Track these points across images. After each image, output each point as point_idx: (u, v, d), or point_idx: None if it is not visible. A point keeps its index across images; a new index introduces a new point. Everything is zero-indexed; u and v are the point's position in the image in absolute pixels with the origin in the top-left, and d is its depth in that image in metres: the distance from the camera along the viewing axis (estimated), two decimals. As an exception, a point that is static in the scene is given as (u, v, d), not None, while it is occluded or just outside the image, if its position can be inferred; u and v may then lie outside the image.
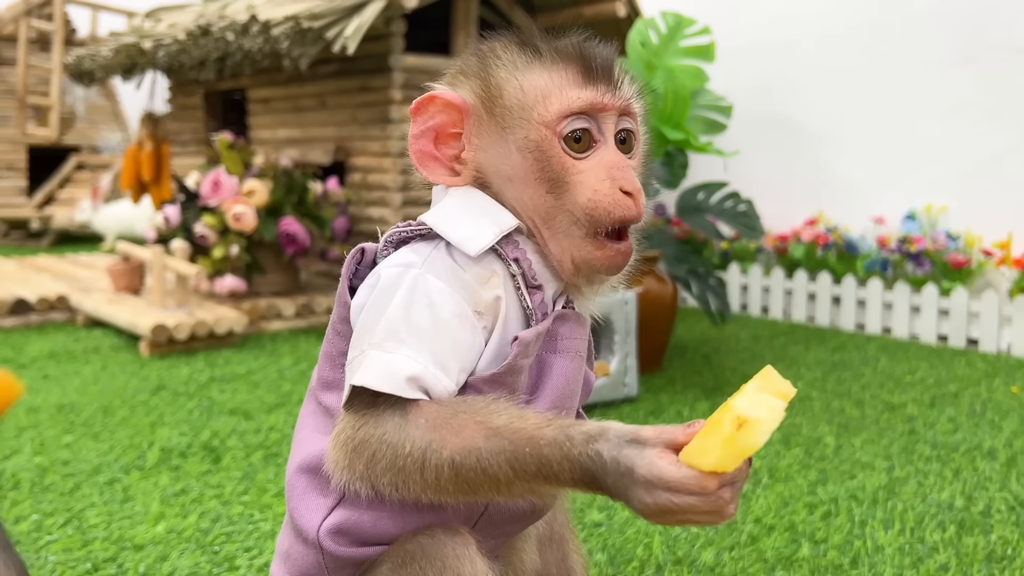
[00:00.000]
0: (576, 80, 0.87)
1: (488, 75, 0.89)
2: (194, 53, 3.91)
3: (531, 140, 0.86)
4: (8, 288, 3.92)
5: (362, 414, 0.79)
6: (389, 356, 0.79)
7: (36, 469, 2.01)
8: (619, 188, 0.85)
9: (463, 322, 0.82)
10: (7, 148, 7.47)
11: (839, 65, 4.02)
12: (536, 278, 0.87)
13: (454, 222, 0.86)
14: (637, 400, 2.61)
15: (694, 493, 0.69)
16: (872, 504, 1.83)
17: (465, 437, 0.77)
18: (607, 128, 0.88)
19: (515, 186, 0.88)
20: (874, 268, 3.78)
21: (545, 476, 0.74)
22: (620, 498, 0.72)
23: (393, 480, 0.78)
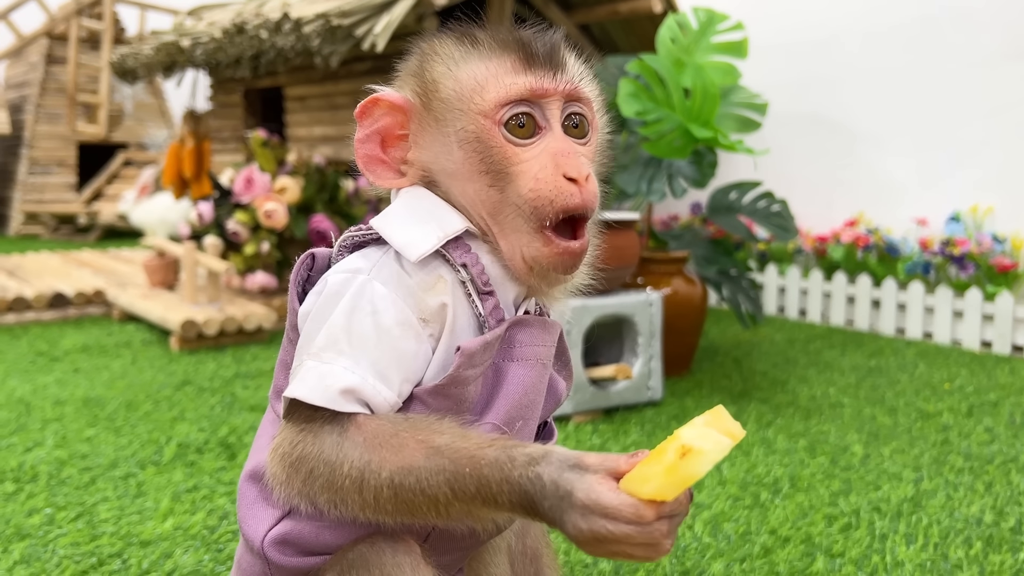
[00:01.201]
0: (514, 67, 0.83)
1: (424, 71, 0.87)
2: (230, 51, 3.95)
3: (469, 131, 0.83)
4: (48, 282, 3.99)
5: (300, 428, 0.77)
6: (326, 367, 0.77)
7: (55, 462, 2.03)
8: (562, 174, 0.81)
9: (406, 330, 0.79)
10: (58, 145, 7.64)
11: (882, 63, 3.91)
12: (488, 283, 0.84)
13: (399, 226, 0.84)
14: (661, 404, 2.56)
15: (630, 522, 0.66)
16: (895, 517, 1.76)
17: (405, 456, 0.74)
18: (552, 114, 0.84)
19: (459, 182, 0.85)
20: (916, 271, 3.67)
21: (484, 498, 0.71)
22: (556, 524, 0.69)
23: (331, 499, 0.76)
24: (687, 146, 2.56)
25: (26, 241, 7.00)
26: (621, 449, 2.15)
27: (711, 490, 1.89)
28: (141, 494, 1.85)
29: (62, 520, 1.71)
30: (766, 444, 2.21)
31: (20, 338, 3.35)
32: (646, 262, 2.85)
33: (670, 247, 3.05)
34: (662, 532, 0.67)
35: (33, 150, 7.53)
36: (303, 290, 0.88)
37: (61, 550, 1.59)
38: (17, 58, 8.19)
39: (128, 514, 1.75)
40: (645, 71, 2.57)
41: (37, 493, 1.85)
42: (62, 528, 1.68)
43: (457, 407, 0.81)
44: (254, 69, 4.07)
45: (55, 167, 7.62)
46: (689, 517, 1.74)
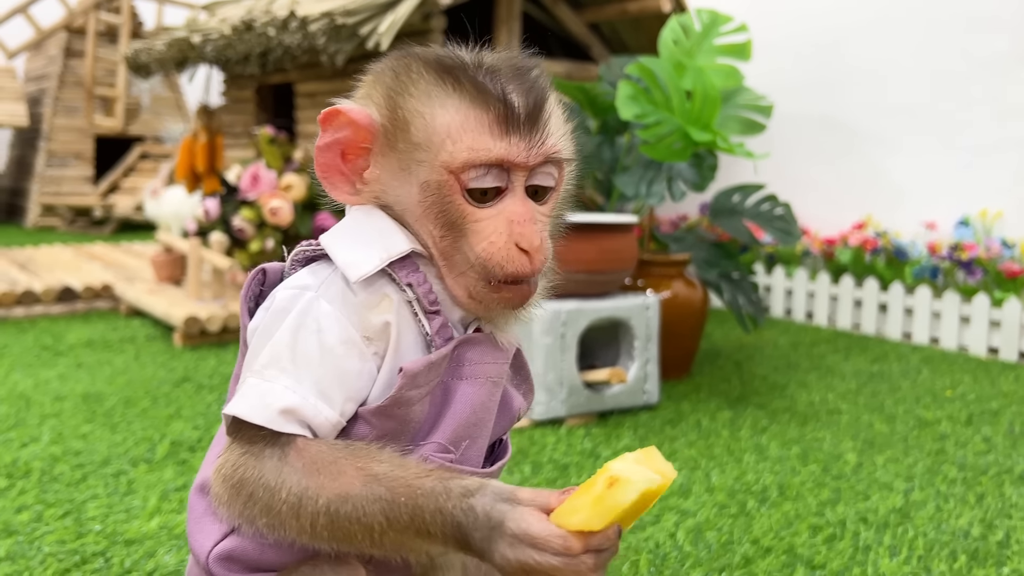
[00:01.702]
0: (492, 127, 0.80)
1: (397, 103, 0.83)
2: (239, 48, 3.97)
3: (432, 183, 0.81)
4: (58, 276, 4.03)
5: (243, 451, 0.77)
6: (267, 385, 0.77)
7: (49, 458, 2.05)
8: (515, 243, 0.80)
9: (350, 349, 0.79)
10: (75, 137, 7.71)
11: (892, 64, 3.87)
12: (436, 302, 0.84)
13: (344, 245, 0.83)
14: (657, 408, 2.55)
15: (558, 553, 0.67)
16: (882, 528, 1.74)
17: (342, 483, 0.74)
18: (516, 179, 0.82)
19: (414, 219, 0.84)
20: (923, 275, 3.64)
21: (417, 528, 0.72)
22: (485, 555, 0.70)
23: (270, 523, 0.76)
24: (686, 149, 2.55)
25: (43, 233, 7.07)
26: (612, 454, 2.15)
27: (697, 497, 1.88)
28: (131, 492, 1.87)
29: (50, 517, 1.73)
30: (759, 451, 2.20)
31: (27, 332, 3.39)
32: (646, 264, 2.84)
33: (671, 249, 3.03)
34: (588, 565, 0.67)
35: (51, 143, 7.60)
36: (256, 304, 0.88)
37: (46, 547, 1.61)
38: (36, 51, 8.27)
39: (116, 512, 1.76)
40: (644, 73, 2.56)
41: (28, 490, 1.87)
42: (49, 526, 1.70)
43: (402, 427, 0.81)
44: (263, 66, 4.09)
45: (72, 160, 7.69)
46: (672, 525, 1.73)
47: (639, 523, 1.74)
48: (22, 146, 8.20)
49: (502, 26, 3.95)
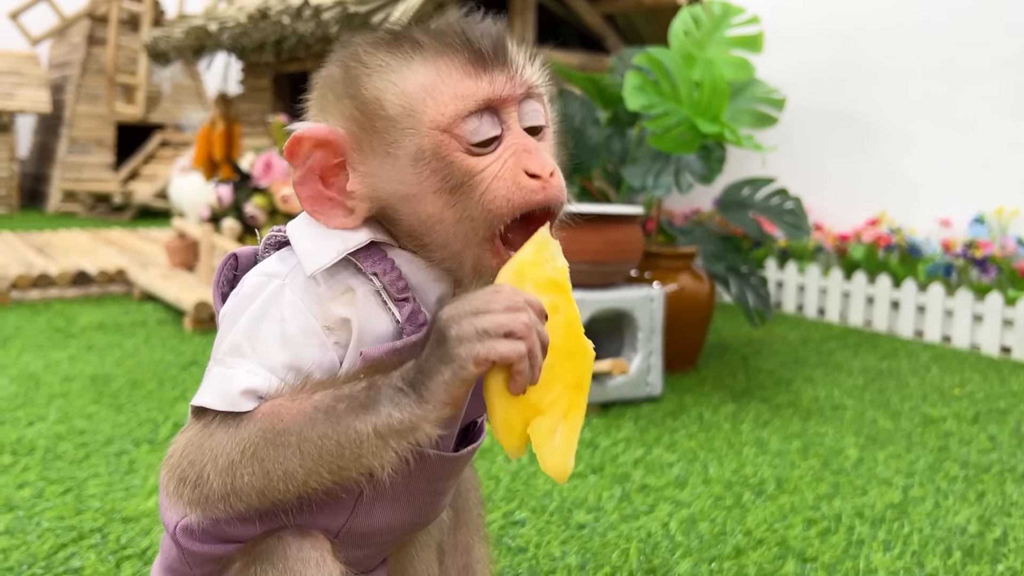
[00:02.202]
0: (469, 70, 0.77)
1: (359, 88, 0.79)
2: (254, 36, 3.99)
3: (425, 149, 0.77)
4: (74, 260, 4.08)
5: (192, 434, 0.77)
6: (229, 372, 0.76)
7: (53, 437, 2.08)
8: (523, 170, 0.77)
9: (310, 338, 0.78)
10: (96, 124, 7.79)
11: (909, 59, 3.83)
12: (405, 289, 0.81)
13: (305, 234, 0.81)
14: (659, 400, 2.54)
15: (492, 291, 0.71)
16: (877, 523, 1.73)
17: (296, 403, 0.74)
18: (509, 116, 0.79)
19: (413, 204, 0.79)
20: (937, 273, 3.60)
21: (369, 397, 0.72)
22: (431, 344, 0.71)
23: (223, 489, 0.74)
24: (694, 141, 2.54)
25: (63, 218, 7.15)
26: (612, 444, 2.15)
27: (693, 488, 1.88)
28: (131, 471, 1.89)
29: (51, 494, 1.76)
30: (759, 444, 2.19)
31: (41, 314, 3.43)
32: (653, 257, 2.84)
33: (679, 242, 3.02)
34: (522, 299, 0.71)
35: (73, 129, 7.68)
36: (231, 288, 0.87)
37: (45, 523, 1.63)
38: (60, 39, 8.35)
39: (115, 490, 1.79)
40: (652, 64, 2.55)
41: (32, 467, 1.90)
42: (50, 502, 1.72)
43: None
44: (278, 54, 4.11)
45: (93, 147, 7.77)
46: (665, 515, 1.73)
47: (632, 512, 1.74)
48: (45, 132, 8.29)
49: (517, 17, 3.95)
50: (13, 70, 7.63)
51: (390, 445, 0.72)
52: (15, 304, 3.61)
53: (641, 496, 1.83)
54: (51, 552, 1.52)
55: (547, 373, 0.74)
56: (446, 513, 1.01)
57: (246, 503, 0.76)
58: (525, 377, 0.71)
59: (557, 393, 0.75)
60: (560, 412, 0.75)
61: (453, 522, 1.04)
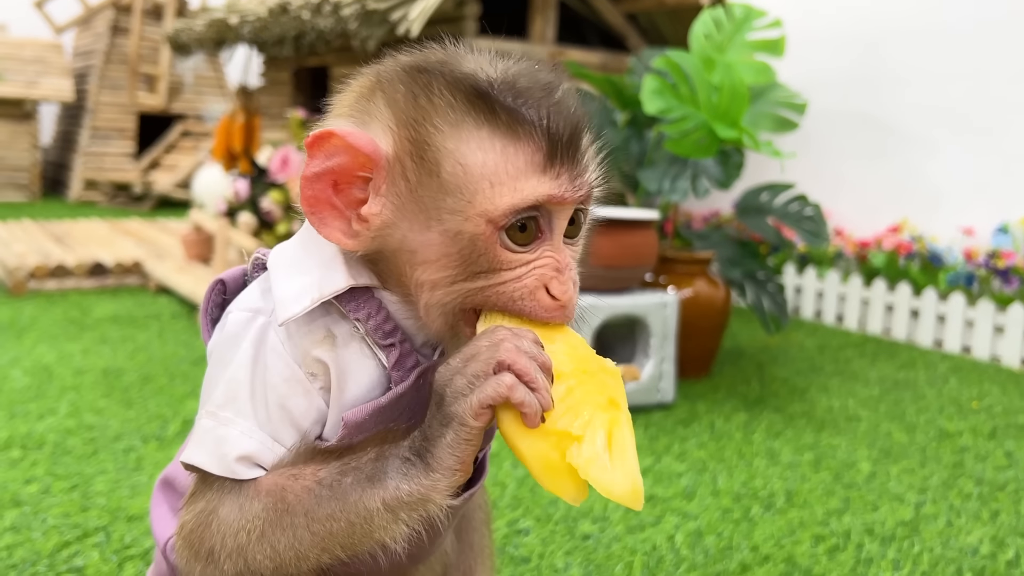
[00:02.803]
0: (534, 163, 0.70)
1: (421, 136, 0.71)
2: (274, 30, 3.99)
3: (465, 233, 0.70)
4: (92, 250, 4.10)
5: (202, 505, 0.74)
6: (223, 431, 0.73)
7: (63, 432, 2.08)
8: (544, 287, 0.72)
9: (294, 387, 0.74)
10: (119, 114, 7.83)
11: (934, 64, 3.77)
12: (392, 333, 0.76)
13: (283, 273, 0.76)
14: (671, 407, 2.52)
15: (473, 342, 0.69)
16: (887, 541, 1.71)
17: (307, 475, 0.72)
18: (557, 222, 0.73)
19: (419, 264, 0.73)
20: (958, 282, 3.55)
21: (375, 469, 0.70)
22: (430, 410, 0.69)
23: (235, 569, 0.72)
24: (712, 145, 2.51)
25: (84, 207, 7.19)
26: (620, 451, 2.13)
27: (701, 500, 1.86)
28: (138, 468, 1.89)
29: (58, 490, 1.76)
30: (770, 456, 2.16)
31: (57, 304, 3.45)
32: (668, 261, 2.81)
33: (696, 247, 2.99)
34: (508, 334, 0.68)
35: (95, 118, 7.72)
36: (222, 312, 0.82)
37: (51, 519, 1.63)
38: (84, 28, 8.40)
39: (121, 488, 1.79)
40: (671, 67, 2.52)
41: (40, 462, 1.90)
42: (56, 498, 1.73)
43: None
44: (298, 49, 4.11)
45: (115, 136, 7.81)
46: (671, 527, 1.71)
47: (638, 523, 1.72)
48: (67, 121, 8.34)
49: (537, 14, 3.92)
50: (37, 58, 7.69)
51: (400, 519, 0.69)
52: (32, 294, 3.64)
53: (648, 507, 1.81)
54: (55, 550, 1.52)
55: (566, 398, 0.68)
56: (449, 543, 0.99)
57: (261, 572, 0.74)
58: (532, 406, 0.65)
59: (588, 416, 0.68)
60: (599, 431, 0.68)
61: (455, 551, 1.01)
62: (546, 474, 0.67)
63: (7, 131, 7.46)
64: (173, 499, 0.86)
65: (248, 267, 0.83)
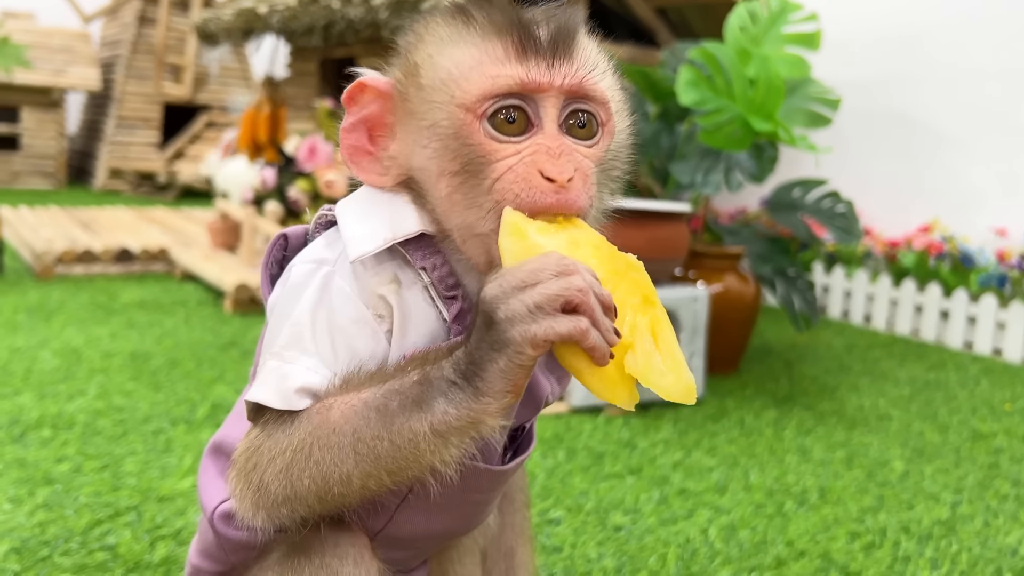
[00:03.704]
0: (506, 54, 0.73)
1: (411, 52, 0.77)
2: (303, 19, 3.99)
3: (445, 125, 0.73)
4: (118, 237, 4.12)
5: (256, 435, 0.74)
6: (288, 367, 0.74)
7: (92, 412, 2.09)
8: (538, 170, 0.71)
9: (362, 327, 0.75)
10: (144, 104, 7.87)
11: (968, 62, 3.72)
12: (455, 286, 0.77)
13: (353, 217, 0.78)
14: (700, 402, 2.50)
15: (535, 259, 0.65)
16: (924, 540, 1.68)
17: (350, 397, 0.71)
18: (546, 111, 0.74)
19: (430, 179, 0.75)
20: (989, 283, 3.50)
21: (420, 392, 0.68)
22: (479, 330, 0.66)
23: (284, 492, 0.72)
24: (746, 138, 2.48)
25: (108, 195, 7.24)
26: (649, 445, 2.11)
27: (734, 495, 1.83)
28: (168, 450, 1.89)
29: (89, 469, 1.76)
30: (802, 452, 2.14)
31: (84, 289, 3.47)
32: (699, 256, 2.78)
33: (726, 242, 2.97)
34: (571, 261, 0.65)
35: (121, 108, 7.77)
36: (280, 268, 0.84)
37: (83, 498, 1.63)
38: (112, 18, 8.45)
39: (151, 469, 1.79)
40: (707, 59, 2.49)
41: (71, 441, 1.90)
42: (87, 477, 1.73)
43: None
44: (326, 39, 4.11)
45: (141, 125, 7.85)
46: (704, 521, 1.69)
47: (670, 516, 1.70)
48: (93, 110, 8.40)
49: (567, 8, 3.90)
50: (65, 47, 7.74)
51: (451, 443, 0.68)
52: (59, 278, 3.65)
53: (680, 500, 1.79)
54: (87, 528, 1.52)
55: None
56: (492, 517, 0.98)
57: (307, 507, 0.73)
58: (602, 349, 0.64)
59: (631, 319, 0.68)
60: (645, 334, 0.68)
61: (498, 525, 1.00)
62: (600, 384, 0.66)
63: (35, 119, 7.51)
64: (223, 463, 0.85)
65: (311, 226, 0.84)
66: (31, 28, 7.72)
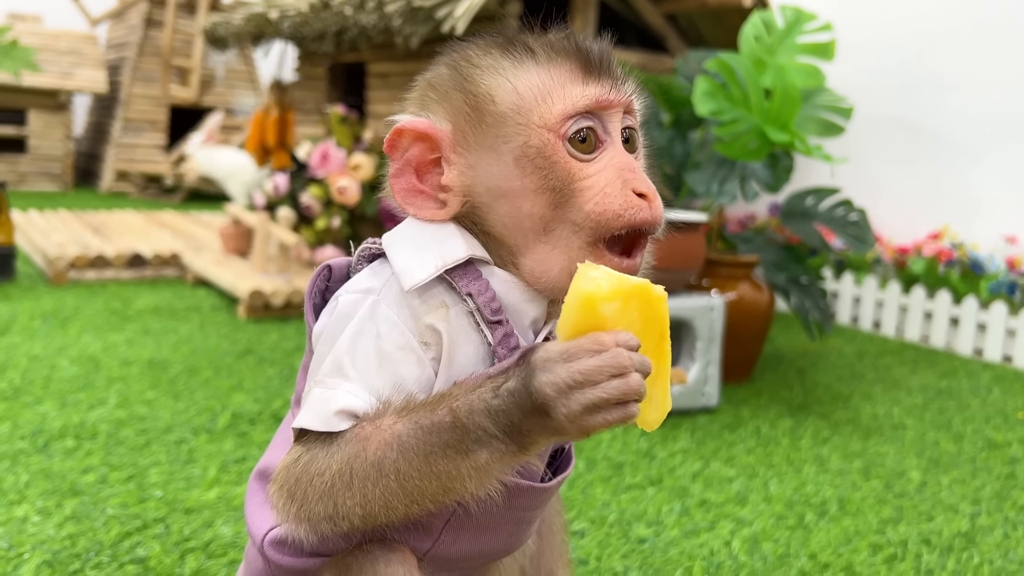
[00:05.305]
0: (577, 76, 0.80)
1: (472, 84, 0.81)
2: (315, 25, 4.00)
3: (532, 146, 0.78)
4: (129, 242, 4.13)
5: (298, 453, 0.77)
6: (330, 393, 0.76)
7: (114, 422, 2.10)
8: (631, 189, 0.78)
9: (407, 355, 0.78)
10: (151, 106, 7.88)
11: (979, 69, 3.73)
12: (499, 311, 0.80)
13: (402, 249, 0.81)
14: (716, 411, 2.51)
15: (591, 351, 0.67)
16: (945, 552, 1.69)
17: (386, 428, 0.73)
18: (612, 127, 0.81)
19: (510, 201, 0.80)
20: (999, 291, 3.51)
21: (463, 439, 0.70)
22: (527, 409, 0.68)
23: (327, 512, 0.74)
24: (762, 149, 2.49)
25: (115, 198, 7.25)
26: (668, 455, 2.12)
27: (755, 506, 1.85)
28: (191, 461, 1.90)
29: (114, 480, 1.78)
30: (819, 462, 2.15)
31: (98, 295, 3.48)
32: (713, 264, 2.79)
33: (740, 250, 2.98)
34: (627, 355, 0.67)
35: (127, 110, 7.78)
36: (323, 299, 0.87)
37: (110, 510, 1.64)
38: (118, 20, 8.46)
39: (176, 480, 1.80)
40: (723, 70, 2.51)
41: (95, 452, 1.92)
42: (113, 488, 1.74)
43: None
44: (337, 45, 4.12)
45: (147, 128, 7.86)
46: (727, 533, 1.70)
47: (693, 528, 1.71)
48: (100, 112, 8.40)
49: (578, 14, 3.91)
50: (72, 50, 7.75)
51: (493, 477, 0.73)
52: (72, 284, 3.67)
53: (701, 511, 1.80)
54: (117, 540, 1.53)
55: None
56: (531, 539, 0.99)
57: (350, 524, 0.75)
58: (632, 417, 0.69)
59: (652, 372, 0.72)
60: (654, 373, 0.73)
61: (537, 547, 1.02)
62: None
63: (42, 121, 7.52)
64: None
65: (354, 258, 0.87)
66: (38, 31, 7.73)
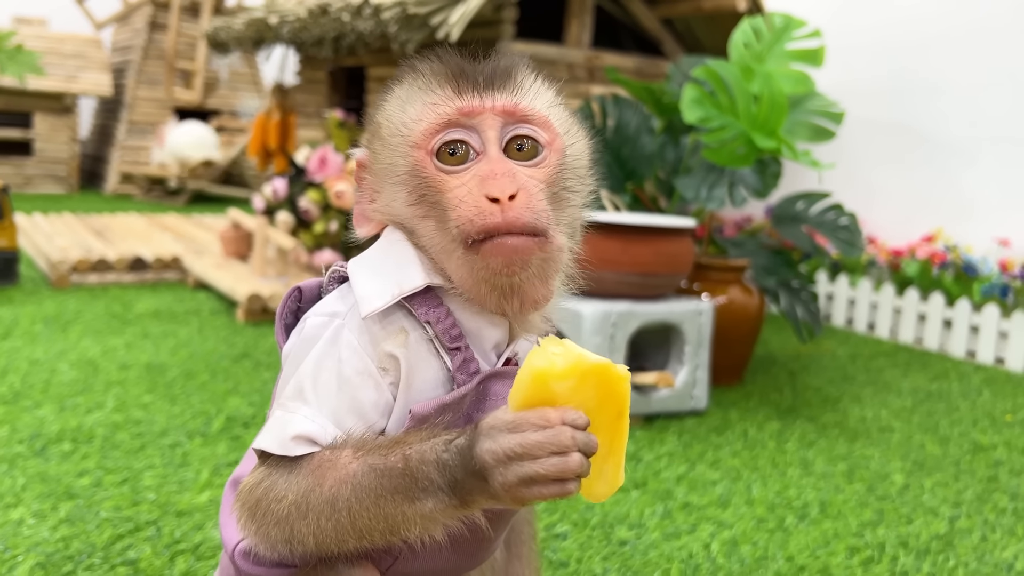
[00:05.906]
0: (448, 92, 0.82)
1: (376, 114, 0.87)
2: (313, 31, 4.04)
3: (404, 166, 0.82)
4: (131, 245, 4.18)
5: (261, 476, 0.81)
6: (288, 416, 0.80)
7: (111, 426, 2.14)
8: (484, 194, 0.78)
9: (366, 379, 0.81)
10: (155, 109, 7.94)
11: (971, 72, 3.75)
12: (458, 337, 0.83)
13: (364, 275, 0.85)
14: (704, 414, 2.54)
15: (536, 425, 0.69)
16: (922, 555, 1.72)
17: (341, 466, 0.77)
18: (488, 137, 0.81)
19: (411, 224, 0.84)
20: (992, 293, 3.54)
21: (411, 486, 0.74)
22: (469, 470, 0.71)
23: (282, 535, 0.78)
24: (750, 155, 2.52)
25: (120, 200, 7.30)
26: (654, 458, 2.16)
27: (736, 509, 1.88)
28: (185, 464, 1.95)
29: (109, 483, 1.82)
30: (804, 465, 2.18)
31: (99, 299, 3.53)
32: (703, 268, 2.82)
33: (730, 254, 3.01)
34: (569, 435, 0.69)
35: (132, 113, 7.84)
36: (295, 319, 0.91)
37: (103, 513, 1.69)
38: (123, 24, 8.52)
39: (169, 483, 1.84)
40: (711, 77, 2.54)
41: (90, 455, 1.96)
42: (107, 491, 1.78)
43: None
44: (336, 49, 4.16)
45: (152, 130, 7.91)
46: (707, 535, 1.74)
47: (674, 531, 1.75)
48: (105, 115, 8.47)
49: (573, 19, 3.94)
50: (77, 53, 7.81)
51: (437, 524, 0.77)
52: (74, 287, 3.71)
53: (683, 514, 1.83)
54: (109, 542, 1.57)
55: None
56: (498, 551, 1.02)
57: (304, 549, 0.79)
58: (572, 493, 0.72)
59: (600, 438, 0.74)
60: (606, 449, 0.75)
61: (505, 558, 1.05)
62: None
63: (47, 124, 7.58)
64: None
65: (324, 279, 0.89)
66: (43, 34, 7.79)
